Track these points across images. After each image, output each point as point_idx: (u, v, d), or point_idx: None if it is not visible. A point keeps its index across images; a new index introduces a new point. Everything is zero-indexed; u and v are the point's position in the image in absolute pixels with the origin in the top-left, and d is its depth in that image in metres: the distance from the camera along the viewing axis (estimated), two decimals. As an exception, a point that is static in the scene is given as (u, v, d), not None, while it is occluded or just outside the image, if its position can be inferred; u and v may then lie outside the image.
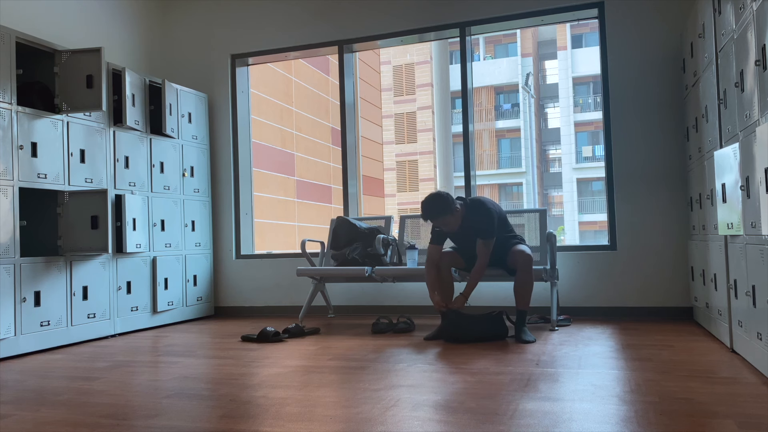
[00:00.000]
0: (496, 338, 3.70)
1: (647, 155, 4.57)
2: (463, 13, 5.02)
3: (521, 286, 3.74)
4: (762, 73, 2.42)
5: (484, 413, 2.16)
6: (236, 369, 3.09)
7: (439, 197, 3.71)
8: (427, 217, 3.72)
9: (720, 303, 3.31)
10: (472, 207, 3.81)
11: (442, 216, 3.70)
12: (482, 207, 3.78)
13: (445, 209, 3.69)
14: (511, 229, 4.00)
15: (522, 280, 3.74)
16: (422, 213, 3.74)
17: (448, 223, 3.74)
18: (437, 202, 3.70)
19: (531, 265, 3.73)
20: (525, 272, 3.72)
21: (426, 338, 3.81)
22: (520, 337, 3.62)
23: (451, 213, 3.70)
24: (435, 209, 3.69)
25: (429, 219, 3.72)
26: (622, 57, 4.64)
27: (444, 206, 3.69)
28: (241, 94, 5.73)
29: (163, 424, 2.16)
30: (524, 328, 3.70)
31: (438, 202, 3.70)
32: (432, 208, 3.70)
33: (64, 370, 3.21)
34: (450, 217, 3.71)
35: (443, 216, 3.70)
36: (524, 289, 3.74)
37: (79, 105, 4.10)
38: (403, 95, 26.48)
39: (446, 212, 3.69)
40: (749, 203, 2.58)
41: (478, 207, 3.79)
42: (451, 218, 3.72)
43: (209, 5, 5.75)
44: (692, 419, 2.03)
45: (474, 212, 3.79)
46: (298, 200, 19.29)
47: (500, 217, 3.88)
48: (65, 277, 4.03)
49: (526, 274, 3.73)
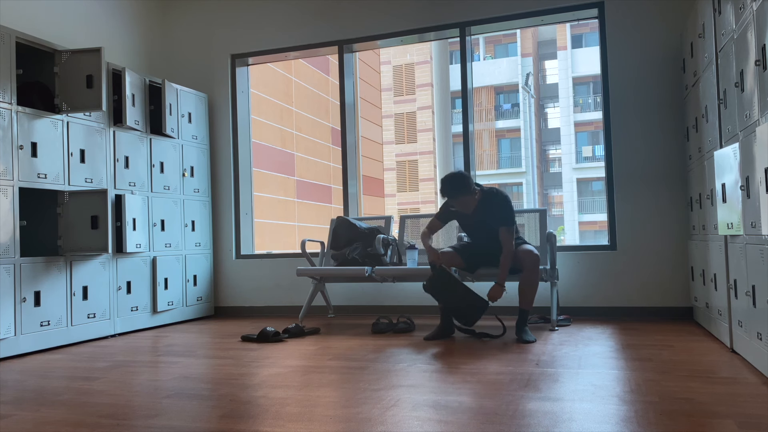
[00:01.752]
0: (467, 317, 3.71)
1: (647, 155, 4.56)
2: (463, 13, 5.02)
3: (526, 285, 3.75)
4: (762, 73, 2.42)
5: (484, 413, 2.16)
6: (236, 369, 3.09)
7: (461, 176, 3.79)
8: (446, 194, 3.78)
9: (720, 303, 3.31)
10: (489, 194, 3.86)
11: (460, 195, 3.76)
12: (500, 195, 3.85)
13: (465, 188, 3.75)
14: (517, 229, 4.04)
15: (527, 279, 3.75)
16: (441, 189, 3.81)
17: (464, 203, 3.79)
18: (458, 179, 3.77)
19: (538, 265, 3.75)
20: (531, 272, 3.73)
21: (426, 338, 3.81)
22: (521, 337, 3.63)
23: (469, 193, 3.76)
24: (455, 186, 3.76)
25: (447, 196, 3.78)
26: (622, 57, 4.64)
27: (464, 185, 3.75)
28: (241, 94, 5.73)
29: (163, 424, 2.16)
30: (525, 328, 3.70)
31: (459, 180, 3.77)
32: (452, 185, 3.76)
33: (64, 370, 3.21)
34: (468, 197, 3.77)
35: (462, 195, 3.76)
36: (529, 288, 3.75)
37: (79, 105, 4.10)
38: (403, 95, 26.47)
39: (465, 191, 3.75)
40: (749, 203, 2.58)
41: (495, 195, 3.86)
42: (468, 198, 3.78)
43: (209, 5, 5.75)
44: (692, 419, 2.03)
45: (491, 199, 3.84)
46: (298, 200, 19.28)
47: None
48: (65, 277, 4.03)
49: (532, 274, 3.74)
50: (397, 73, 26.52)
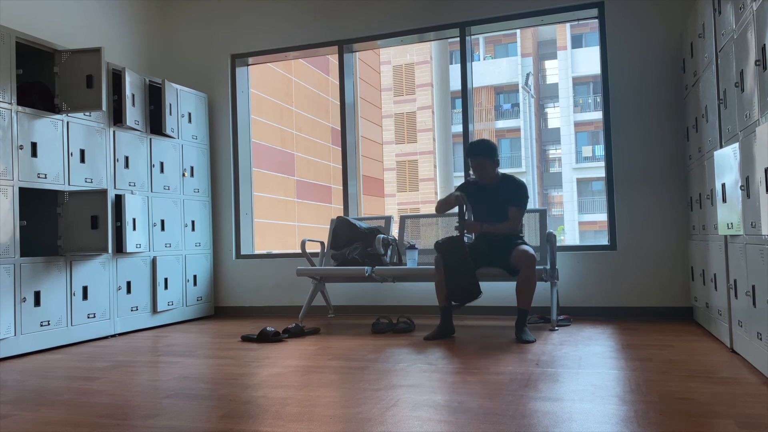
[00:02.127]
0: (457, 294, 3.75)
1: (647, 155, 4.56)
2: (463, 13, 5.02)
3: (524, 285, 3.75)
4: (762, 73, 2.42)
5: (484, 413, 2.16)
6: (236, 369, 3.09)
7: (491, 142, 4.02)
8: (472, 152, 3.93)
9: (720, 303, 3.31)
10: (510, 177, 4.02)
11: (486, 157, 3.88)
12: (518, 180, 4.01)
13: (490, 152, 3.91)
14: (521, 228, 4.09)
15: (524, 279, 3.74)
16: (468, 148, 3.98)
17: (485, 168, 3.90)
18: (486, 142, 3.98)
19: (534, 264, 3.74)
20: (528, 272, 3.73)
21: (426, 338, 3.81)
22: (521, 337, 3.62)
23: (492, 158, 3.90)
24: (482, 146, 3.94)
25: (473, 154, 3.92)
26: (622, 57, 4.63)
27: (491, 148, 3.92)
28: (241, 94, 5.73)
29: (163, 424, 2.16)
30: (525, 328, 3.70)
31: (488, 144, 3.97)
32: (480, 145, 3.96)
33: (64, 370, 3.21)
34: (491, 162, 3.91)
35: (487, 158, 3.88)
36: (527, 288, 3.75)
37: (79, 105, 4.10)
38: (403, 95, 26.46)
39: (491, 155, 3.90)
40: (749, 203, 2.58)
41: (514, 179, 4.01)
42: (491, 165, 3.91)
43: (209, 5, 5.75)
44: (692, 419, 2.03)
45: (511, 180, 3.98)
46: (298, 200, 19.28)
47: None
48: (65, 277, 4.03)
49: (529, 274, 3.73)
50: (397, 73, 26.51)
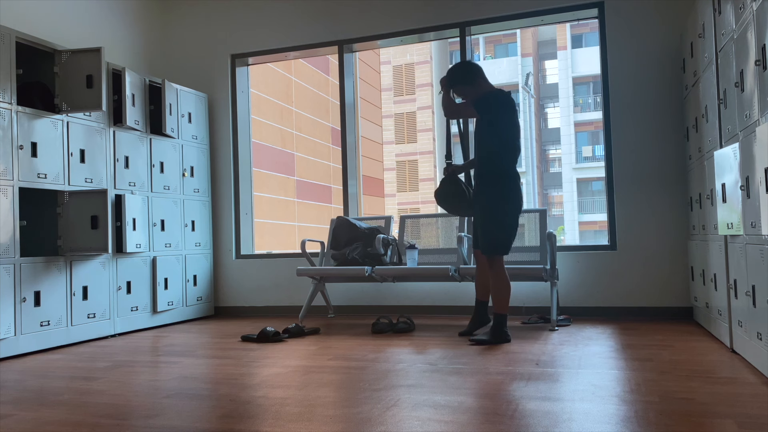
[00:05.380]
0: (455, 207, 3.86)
1: (647, 155, 4.56)
2: (463, 13, 5.01)
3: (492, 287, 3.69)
4: (762, 73, 2.42)
5: (484, 413, 2.16)
6: (236, 369, 3.09)
7: (462, 66, 3.72)
8: (447, 84, 3.67)
9: (720, 303, 3.31)
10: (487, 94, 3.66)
11: (458, 84, 3.65)
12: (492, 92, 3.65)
13: (463, 78, 3.62)
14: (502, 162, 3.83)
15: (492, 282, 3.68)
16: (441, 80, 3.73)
17: (466, 94, 3.67)
18: (456, 69, 3.66)
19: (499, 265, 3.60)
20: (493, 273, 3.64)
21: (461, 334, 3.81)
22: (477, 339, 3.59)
23: (466, 83, 3.63)
24: (452, 76, 3.65)
25: (449, 87, 3.67)
26: (622, 57, 4.63)
27: (461, 75, 3.63)
28: (241, 94, 5.73)
29: (163, 424, 2.16)
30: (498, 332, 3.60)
31: (456, 70, 3.65)
32: (450, 74, 3.66)
33: (64, 370, 3.21)
34: (469, 88, 3.64)
35: (459, 84, 3.65)
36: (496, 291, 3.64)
37: (79, 105, 4.10)
38: (403, 95, 26.46)
39: (463, 81, 3.63)
40: (749, 203, 2.58)
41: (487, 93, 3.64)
42: (470, 90, 3.65)
43: (209, 5, 5.75)
44: (692, 419, 2.03)
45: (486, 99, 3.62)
46: (298, 200, 19.28)
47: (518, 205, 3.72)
48: (65, 277, 4.03)
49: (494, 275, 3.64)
50: (397, 73, 26.51)
